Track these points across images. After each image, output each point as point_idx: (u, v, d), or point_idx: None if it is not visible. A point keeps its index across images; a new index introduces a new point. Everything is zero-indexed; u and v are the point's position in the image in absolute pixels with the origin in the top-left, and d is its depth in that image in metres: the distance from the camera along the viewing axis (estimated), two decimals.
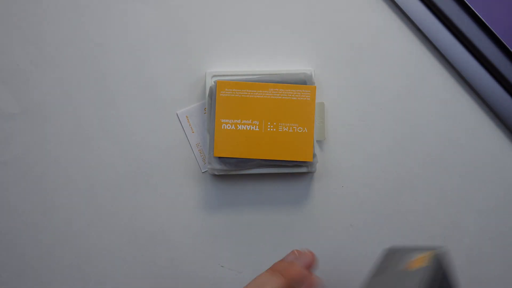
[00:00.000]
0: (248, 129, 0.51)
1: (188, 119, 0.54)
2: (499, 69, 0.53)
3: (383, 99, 0.54)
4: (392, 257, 0.39)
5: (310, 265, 0.35)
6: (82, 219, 0.54)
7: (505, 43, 0.53)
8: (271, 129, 0.51)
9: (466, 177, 0.54)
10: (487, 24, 0.53)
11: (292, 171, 0.52)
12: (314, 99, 0.51)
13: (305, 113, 0.51)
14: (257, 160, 0.51)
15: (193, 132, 0.54)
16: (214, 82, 0.51)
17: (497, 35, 0.53)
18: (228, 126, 0.51)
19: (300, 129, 0.51)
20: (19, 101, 0.53)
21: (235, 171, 0.52)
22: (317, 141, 0.54)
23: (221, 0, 0.54)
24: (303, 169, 0.52)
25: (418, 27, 0.54)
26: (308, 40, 0.54)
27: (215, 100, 0.51)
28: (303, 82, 0.52)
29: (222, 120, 0.51)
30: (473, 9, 0.53)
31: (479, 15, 0.53)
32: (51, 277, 0.54)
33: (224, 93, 0.51)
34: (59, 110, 0.54)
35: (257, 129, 0.51)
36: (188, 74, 0.54)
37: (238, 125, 0.51)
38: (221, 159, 0.51)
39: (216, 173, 0.51)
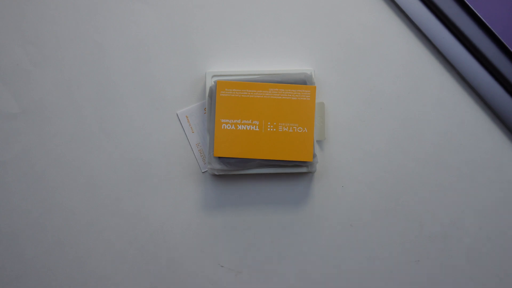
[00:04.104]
0: (248, 129, 0.51)
1: (188, 119, 0.54)
2: (499, 69, 0.53)
3: (383, 99, 0.54)
4: None
5: None
6: (82, 219, 0.54)
7: (505, 43, 0.53)
8: (271, 129, 0.51)
9: (466, 177, 0.54)
10: (487, 24, 0.53)
11: (292, 171, 0.52)
12: (314, 99, 0.51)
13: (305, 113, 0.51)
14: (257, 160, 0.51)
15: (193, 132, 0.54)
16: (214, 82, 0.51)
17: (497, 35, 0.53)
18: (228, 126, 0.51)
19: (300, 129, 0.51)
20: (19, 101, 0.53)
21: (235, 171, 0.52)
22: (317, 141, 0.54)
23: (221, 0, 0.54)
24: (303, 169, 0.52)
25: (418, 27, 0.54)
26: (308, 40, 0.54)
27: (215, 100, 0.51)
28: (303, 82, 0.51)
29: (222, 120, 0.51)
30: (473, 9, 0.53)
31: (479, 15, 0.53)
32: (51, 277, 0.54)
33: (224, 93, 0.51)
34: (59, 110, 0.54)
35: (257, 129, 0.51)
36: (188, 74, 0.54)
37: (238, 125, 0.51)
38: (221, 159, 0.51)
39: (216, 173, 0.51)
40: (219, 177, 0.54)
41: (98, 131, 0.54)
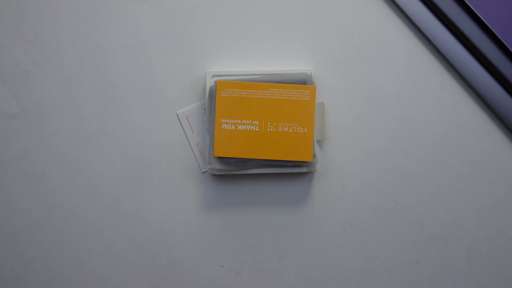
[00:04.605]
0: (248, 129, 0.51)
1: (188, 119, 0.54)
2: (499, 69, 0.53)
3: (383, 99, 0.54)
4: None
5: None
6: (82, 219, 0.54)
7: (505, 43, 0.53)
8: (271, 129, 0.51)
9: (466, 177, 0.54)
10: (487, 24, 0.53)
11: (292, 171, 0.52)
12: (314, 99, 0.51)
13: (305, 113, 0.51)
14: (257, 160, 0.51)
15: (193, 132, 0.54)
16: (214, 82, 0.51)
17: (497, 35, 0.53)
18: (228, 126, 0.51)
19: (300, 129, 0.51)
20: (19, 101, 0.53)
21: (235, 171, 0.52)
22: (317, 141, 0.54)
23: (221, 0, 0.54)
24: (303, 169, 0.52)
25: (418, 27, 0.54)
26: (308, 40, 0.54)
27: (215, 100, 0.51)
28: (303, 82, 0.52)
29: (222, 120, 0.51)
30: (473, 9, 0.53)
31: (479, 15, 0.53)
32: (51, 277, 0.54)
33: (224, 93, 0.51)
34: (59, 110, 0.54)
35: (257, 129, 0.51)
36: (188, 74, 0.54)
37: (238, 125, 0.51)
38: (221, 159, 0.51)
39: (216, 173, 0.51)
40: (219, 177, 0.54)
41: (98, 131, 0.54)
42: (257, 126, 0.51)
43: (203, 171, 0.54)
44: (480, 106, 0.54)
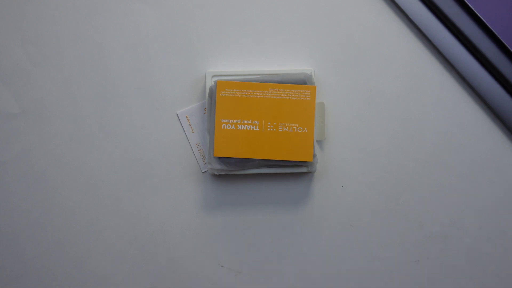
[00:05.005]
0: (248, 129, 0.51)
1: (188, 119, 0.54)
2: (499, 69, 0.53)
3: (383, 99, 0.54)
4: None
5: None
6: (82, 219, 0.54)
7: (505, 43, 0.53)
8: (271, 129, 0.51)
9: (466, 177, 0.54)
10: (487, 24, 0.53)
11: (292, 171, 0.52)
12: (314, 99, 0.51)
13: (305, 113, 0.51)
14: (257, 160, 0.51)
15: (193, 132, 0.54)
16: (214, 82, 0.51)
17: (497, 35, 0.53)
18: (228, 126, 0.51)
19: (300, 129, 0.51)
20: (19, 101, 0.53)
21: (235, 171, 0.52)
22: (317, 141, 0.54)
23: (221, 0, 0.54)
24: (303, 169, 0.52)
25: (418, 27, 0.54)
26: (308, 40, 0.54)
27: (215, 100, 0.51)
28: (303, 82, 0.52)
29: (222, 120, 0.51)
30: (473, 9, 0.53)
31: (479, 15, 0.53)
32: (51, 277, 0.54)
33: (224, 93, 0.51)
34: (59, 110, 0.54)
35: (257, 129, 0.51)
36: (188, 74, 0.54)
37: (238, 125, 0.51)
38: (221, 159, 0.51)
39: (216, 173, 0.51)
40: (219, 177, 0.54)
41: (98, 131, 0.54)
42: (257, 126, 0.51)
43: (203, 171, 0.54)
44: (480, 106, 0.54)
